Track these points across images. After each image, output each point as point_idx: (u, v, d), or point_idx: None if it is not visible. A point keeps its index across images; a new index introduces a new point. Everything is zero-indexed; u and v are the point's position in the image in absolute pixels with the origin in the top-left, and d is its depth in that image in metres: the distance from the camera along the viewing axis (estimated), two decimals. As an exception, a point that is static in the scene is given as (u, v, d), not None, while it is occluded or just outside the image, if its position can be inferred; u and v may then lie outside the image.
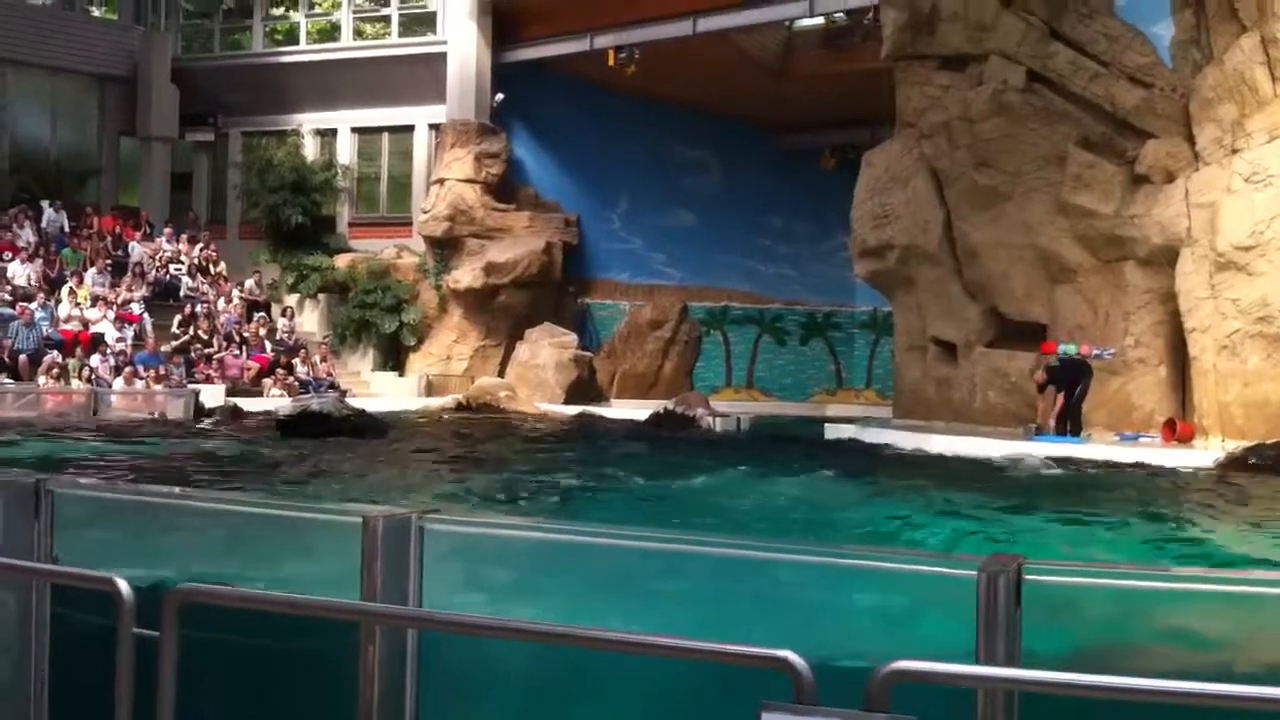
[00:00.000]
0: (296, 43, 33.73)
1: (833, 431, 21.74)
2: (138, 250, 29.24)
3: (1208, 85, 18.03)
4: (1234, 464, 15.06)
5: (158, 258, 29.42)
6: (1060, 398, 18.09)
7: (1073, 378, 18.17)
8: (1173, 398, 18.70)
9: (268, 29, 34.10)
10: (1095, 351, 18.50)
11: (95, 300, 26.28)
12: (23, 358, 23.17)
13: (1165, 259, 18.20)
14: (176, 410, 21.47)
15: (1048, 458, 15.70)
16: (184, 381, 24.47)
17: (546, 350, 29.42)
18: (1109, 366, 18.73)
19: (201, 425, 19.81)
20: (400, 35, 32.72)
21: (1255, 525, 10.17)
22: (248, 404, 22.98)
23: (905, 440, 18.84)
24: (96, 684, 3.72)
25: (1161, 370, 18.75)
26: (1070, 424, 18.11)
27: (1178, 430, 17.60)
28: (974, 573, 3.08)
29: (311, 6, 33.96)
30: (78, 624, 4.46)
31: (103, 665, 3.64)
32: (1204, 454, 16.09)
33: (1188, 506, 11.66)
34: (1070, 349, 18.63)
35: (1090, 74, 19.60)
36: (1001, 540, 8.68)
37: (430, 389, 29.43)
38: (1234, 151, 17.60)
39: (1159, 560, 8.04)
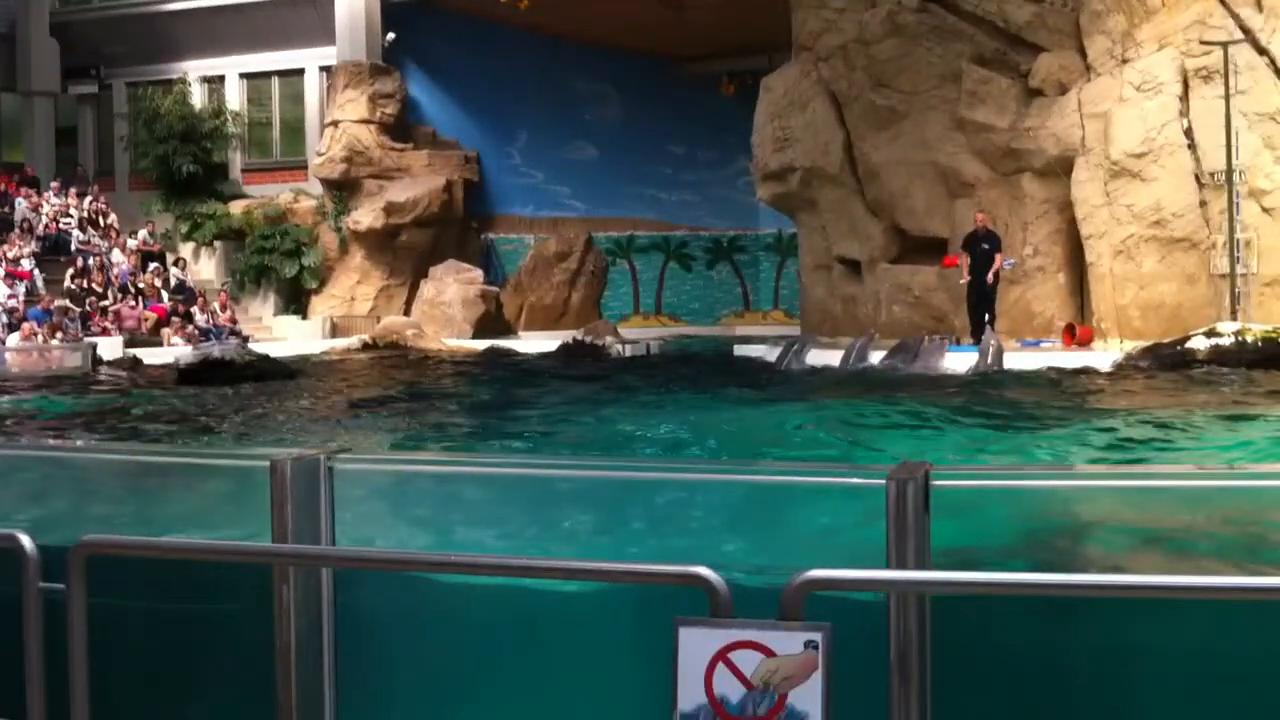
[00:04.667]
0: (178, -12, 32.79)
1: (742, 351, 22.02)
2: (22, 206, 28.45)
3: (1096, -3, 18.24)
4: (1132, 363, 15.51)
5: (45, 212, 28.65)
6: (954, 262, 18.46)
7: (976, 249, 18.38)
8: (1072, 303, 19.08)
9: (148, -24, 33.09)
10: (997, 263, 18.75)
11: (-17, 258, 25.57)
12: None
13: (1061, 169, 18.48)
14: (74, 363, 21.02)
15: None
16: (80, 335, 23.94)
17: (452, 287, 29.21)
18: (1010, 276, 19.03)
19: (100, 378, 19.41)
20: (284, -23, 31.93)
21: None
22: (148, 355, 22.57)
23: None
24: (5, 643, 3.65)
25: (1060, 277, 19.11)
26: (976, 331, 18.37)
27: (1077, 334, 17.99)
28: (883, 481, 3.11)
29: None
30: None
31: (10, 624, 3.57)
32: (1104, 355, 16.48)
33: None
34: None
35: (981, -10, 19.71)
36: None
37: (335, 331, 29.17)
38: (1124, 61, 17.87)
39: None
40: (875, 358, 17.81)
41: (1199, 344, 15.48)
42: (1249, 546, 3.58)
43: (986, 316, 18.22)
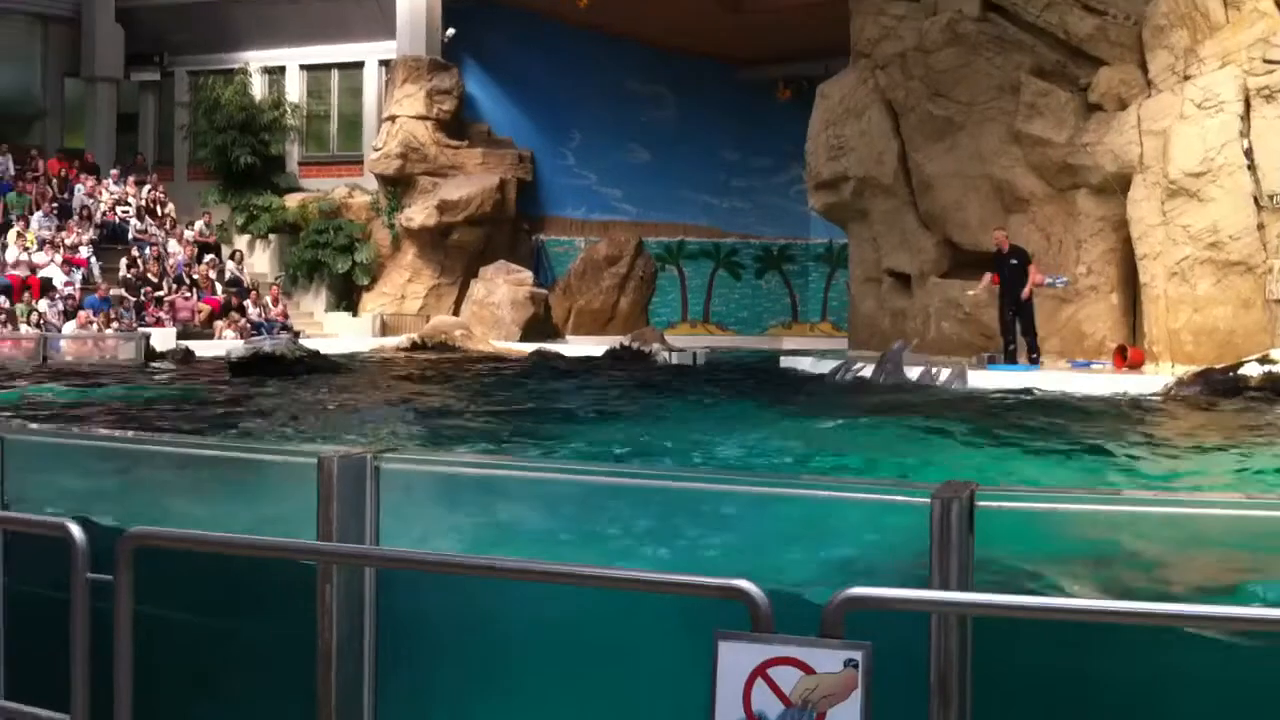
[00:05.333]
0: (242, -21, 33.13)
1: (788, 363, 21.89)
2: (80, 192, 28.80)
3: (1160, 12, 18.04)
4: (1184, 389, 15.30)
5: (104, 200, 28.99)
6: (993, 281, 18.27)
7: (1005, 268, 18.21)
8: (1124, 324, 18.87)
9: (212, -34, 33.45)
10: (1048, 280, 18.60)
11: (42, 244, 25.90)
12: (-30, 304, 22.85)
13: (1117, 186, 18.30)
14: (127, 354, 21.27)
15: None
16: (134, 325, 24.21)
17: (502, 288, 29.30)
18: (1062, 294, 18.86)
19: (153, 368, 19.63)
20: (347, -30, 32.21)
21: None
22: (200, 347, 22.80)
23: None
24: (53, 631, 3.69)
25: (1113, 297, 18.91)
26: (1030, 350, 18.24)
27: (1129, 357, 17.78)
28: (927, 500, 3.10)
29: (256, -58, 33.31)
30: (32, 571, 4.42)
31: (58, 612, 3.62)
32: (1154, 379, 16.28)
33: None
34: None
35: (1043, 2, 19.54)
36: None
37: (384, 329, 29.32)
38: (1186, 78, 17.66)
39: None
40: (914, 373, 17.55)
41: (1251, 370, 15.25)
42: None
43: (1019, 328, 18.11)
